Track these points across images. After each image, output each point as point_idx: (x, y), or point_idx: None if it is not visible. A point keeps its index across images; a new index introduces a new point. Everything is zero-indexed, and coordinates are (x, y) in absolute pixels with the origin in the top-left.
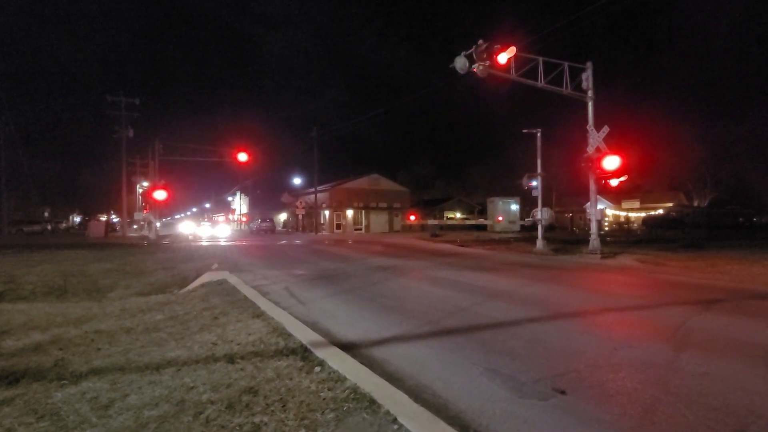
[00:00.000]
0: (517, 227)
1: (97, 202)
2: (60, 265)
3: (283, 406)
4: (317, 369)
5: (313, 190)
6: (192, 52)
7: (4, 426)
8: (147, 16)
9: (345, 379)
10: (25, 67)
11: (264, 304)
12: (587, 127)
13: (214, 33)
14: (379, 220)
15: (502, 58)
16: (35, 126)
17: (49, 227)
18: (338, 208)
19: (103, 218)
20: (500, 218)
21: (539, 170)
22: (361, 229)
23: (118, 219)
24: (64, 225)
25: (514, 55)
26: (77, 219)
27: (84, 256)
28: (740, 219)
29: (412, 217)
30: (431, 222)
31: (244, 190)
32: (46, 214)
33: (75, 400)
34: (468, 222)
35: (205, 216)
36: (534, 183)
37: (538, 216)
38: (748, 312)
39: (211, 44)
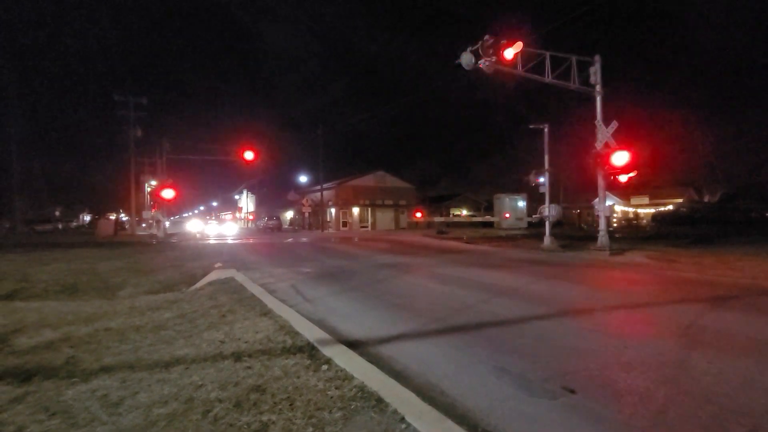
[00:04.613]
0: (524, 224)
1: (106, 201)
2: (71, 263)
3: (291, 404)
4: (324, 367)
5: (319, 187)
6: (198, 50)
7: (16, 423)
8: (151, 12)
9: (352, 377)
10: (34, 68)
11: (271, 302)
12: (595, 122)
13: (218, 30)
14: (385, 218)
15: (509, 53)
16: (46, 126)
17: (60, 226)
18: (344, 205)
19: (113, 217)
20: (507, 215)
21: (547, 166)
22: (367, 227)
23: (127, 218)
24: (74, 224)
25: (521, 51)
26: (87, 218)
27: (94, 255)
28: (752, 214)
29: (418, 215)
30: (437, 219)
31: (251, 189)
32: (57, 213)
33: (85, 398)
34: (474, 219)
35: (213, 214)
36: (541, 179)
37: (546, 212)
38: (761, 309)
39: (216, 41)
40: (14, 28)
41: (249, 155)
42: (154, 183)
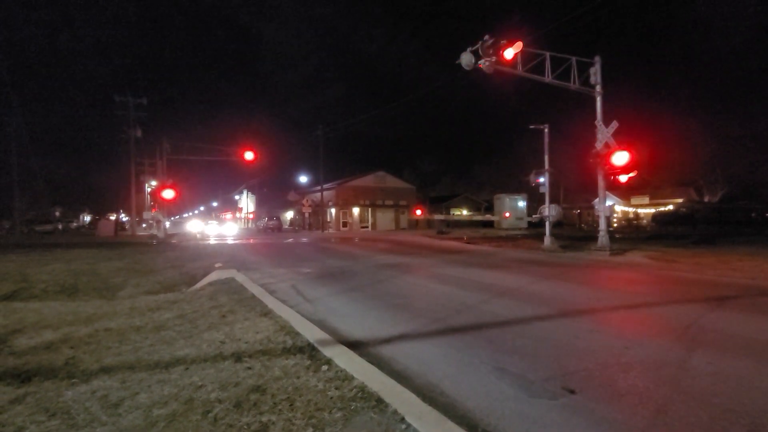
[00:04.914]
0: (524, 224)
1: (106, 201)
2: (71, 263)
3: (291, 405)
4: (324, 368)
5: (319, 188)
6: (198, 50)
7: (16, 424)
8: (151, 12)
9: (352, 377)
10: (35, 68)
11: (271, 303)
12: (596, 122)
13: (218, 29)
14: (385, 218)
15: (509, 53)
16: (46, 127)
17: (60, 226)
18: (344, 205)
19: (113, 217)
20: (507, 215)
21: (547, 166)
22: (367, 227)
23: (127, 218)
24: (74, 224)
25: (521, 51)
26: (87, 218)
27: (94, 255)
28: (753, 214)
29: (419, 212)
30: (438, 219)
31: (251, 189)
32: (58, 214)
33: (85, 399)
34: (475, 219)
35: (213, 214)
36: (541, 179)
37: (546, 213)
38: (762, 309)
39: (216, 41)
40: (14, 27)
41: (249, 155)
42: (154, 183)
